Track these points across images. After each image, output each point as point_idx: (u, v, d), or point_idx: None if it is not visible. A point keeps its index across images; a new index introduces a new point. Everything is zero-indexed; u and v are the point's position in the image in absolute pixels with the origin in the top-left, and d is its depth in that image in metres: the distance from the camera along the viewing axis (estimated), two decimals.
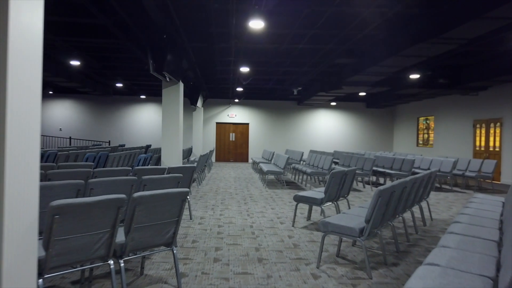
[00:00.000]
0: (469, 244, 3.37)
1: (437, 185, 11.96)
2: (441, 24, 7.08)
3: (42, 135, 20.09)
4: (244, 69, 12.04)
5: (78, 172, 5.08)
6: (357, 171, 11.13)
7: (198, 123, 18.29)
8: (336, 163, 15.55)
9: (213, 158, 21.10)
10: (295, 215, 6.35)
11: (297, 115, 21.39)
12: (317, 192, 6.42)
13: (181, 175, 4.92)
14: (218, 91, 18.74)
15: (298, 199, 6.25)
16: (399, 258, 4.66)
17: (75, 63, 11.62)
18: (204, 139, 20.90)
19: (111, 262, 3.16)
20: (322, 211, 6.06)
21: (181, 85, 9.70)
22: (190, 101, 15.80)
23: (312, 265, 4.33)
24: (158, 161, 9.66)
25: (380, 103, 19.36)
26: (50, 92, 19.58)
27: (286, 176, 14.30)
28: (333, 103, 21.01)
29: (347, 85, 13.25)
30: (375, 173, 12.27)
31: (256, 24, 7.27)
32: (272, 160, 14.53)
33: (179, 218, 3.63)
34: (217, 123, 21.32)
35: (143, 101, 20.81)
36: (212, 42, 9.65)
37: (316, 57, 11.18)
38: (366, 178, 12.02)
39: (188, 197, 6.60)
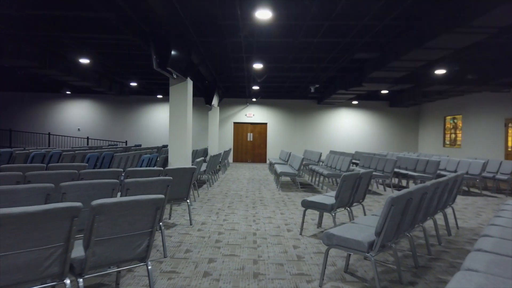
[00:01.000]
0: (502, 267, 2.74)
1: (465, 188, 11.10)
2: (469, 11, 6.36)
3: (60, 135, 20.12)
4: (258, 66, 11.51)
5: (63, 174, 4.67)
6: (377, 173, 10.44)
7: (214, 123, 17.87)
8: (356, 164, 14.84)
9: (231, 159, 20.68)
10: (303, 222, 5.78)
11: (317, 115, 20.71)
12: (328, 197, 5.83)
13: (170, 178, 4.43)
14: (235, 89, 18.28)
15: (306, 205, 5.67)
16: (417, 275, 4.03)
17: (85, 61, 11.36)
18: (221, 139, 20.50)
19: (68, 281, 2.69)
20: (334, 219, 5.47)
21: (189, 82, 9.27)
22: (205, 100, 15.38)
23: (315, 283, 3.76)
24: (165, 161, 9.26)
25: (404, 101, 18.46)
26: (68, 92, 19.57)
27: (303, 177, 13.70)
28: (355, 102, 20.22)
29: (368, 82, 12.52)
30: (398, 175, 11.50)
31: (263, 15, 6.74)
32: (288, 161, 13.95)
33: (153, 229, 3.13)
34: (234, 123, 20.86)
35: (160, 100, 20.57)
36: (222, 37, 9.16)
37: (334, 52, 10.55)
38: (387, 181, 11.28)
39: (188, 201, 6.15)
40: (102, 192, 3.86)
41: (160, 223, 4.52)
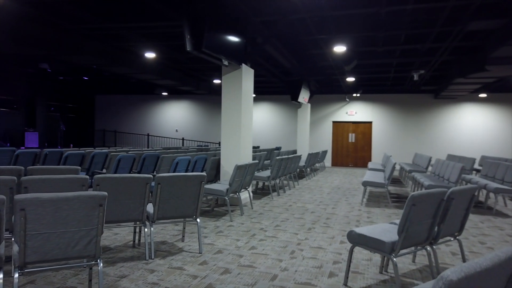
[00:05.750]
0: None
1: None
2: None
3: (158, 136, 20.39)
4: (339, 49, 9.37)
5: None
6: (504, 186, 7.52)
7: (304, 122, 15.94)
8: (478, 171, 11.64)
9: (329, 162, 18.55)
10: (348, 266, 3.72)
11: (433, 111, 17.33)
12: (391, 228, 3.68)
13: (105, 193, 2.87)
14: (328, 83, 16.11)
15: (355, 240, 3.61)
16: None
17: (150, 55, 10.61)
18: (317, 141, 18.53)
19: None
20: (395, 267, 3.32)
21: (245, 71, 7.69)
22: (290, 96, 13.67)
23: None
24: (218, 166, 7.82)
25: None
26: (164, 94, 19.67)
27: (405, 187, 11.09)
28: (482, 95, 16.33)
29: (494, 64, 9.39)
30: None
31: None
32: (386, 167, 11.44)
33: None
34: (333, 122, 18.68)
35: (254, 100, 19.36)
36: (283, 12, 7.39)
37: (438, 23, 7.94)
38: None
39: (198, 220, 4.56)
40: None
41: (98, 260, 3.00)
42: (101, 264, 3.01)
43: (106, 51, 10.41)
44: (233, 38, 7.05)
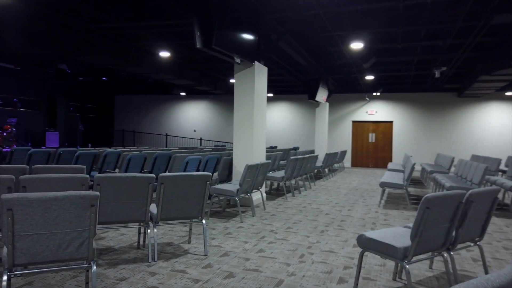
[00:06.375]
0: None
1: None
2: None
3: (176, 136, 20.44)
4: (356, 46, 9.08)
5: None
6: None
7: (322, 121, 15.60)
8: (504, 172, 11.13)
9: (349, 163, 18.18)
10: (358, 272, 3.49)
11: (456, 111, 16.75)
12: (404, 232, 3.44)
13: (97, 193, 2.74)
14: (347, 82, 15.75)
15: (365, 244, 3.39)
16: None
17: (165, 54, 10.56)
18: (336, 141, 18.18)
19: None
20: (408, 275, 3.09)
21: (258, 68, 7.52)
22: (308, 95, 13.42)
23: None
24: (230, 166, 7.66)
25: None
26: (182, 94, 19.69)
27: (427, 189, 10.70)
28: (509, 93, 15.67)
29: None
30: None
31: None
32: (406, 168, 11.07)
33: None
34: (353, 121, 18.31)
35: (270, 99, 19.14)
36: (296, 8, 7.18)
37: (460, 18, 7.58)
38: None
39: (203, 221, 4.41)
40: None
41: (92, 262, 2.88)
42: (95, 267, 2.89)
43: (121, 51, 10.42)
44: (245, 35, 6.90)
